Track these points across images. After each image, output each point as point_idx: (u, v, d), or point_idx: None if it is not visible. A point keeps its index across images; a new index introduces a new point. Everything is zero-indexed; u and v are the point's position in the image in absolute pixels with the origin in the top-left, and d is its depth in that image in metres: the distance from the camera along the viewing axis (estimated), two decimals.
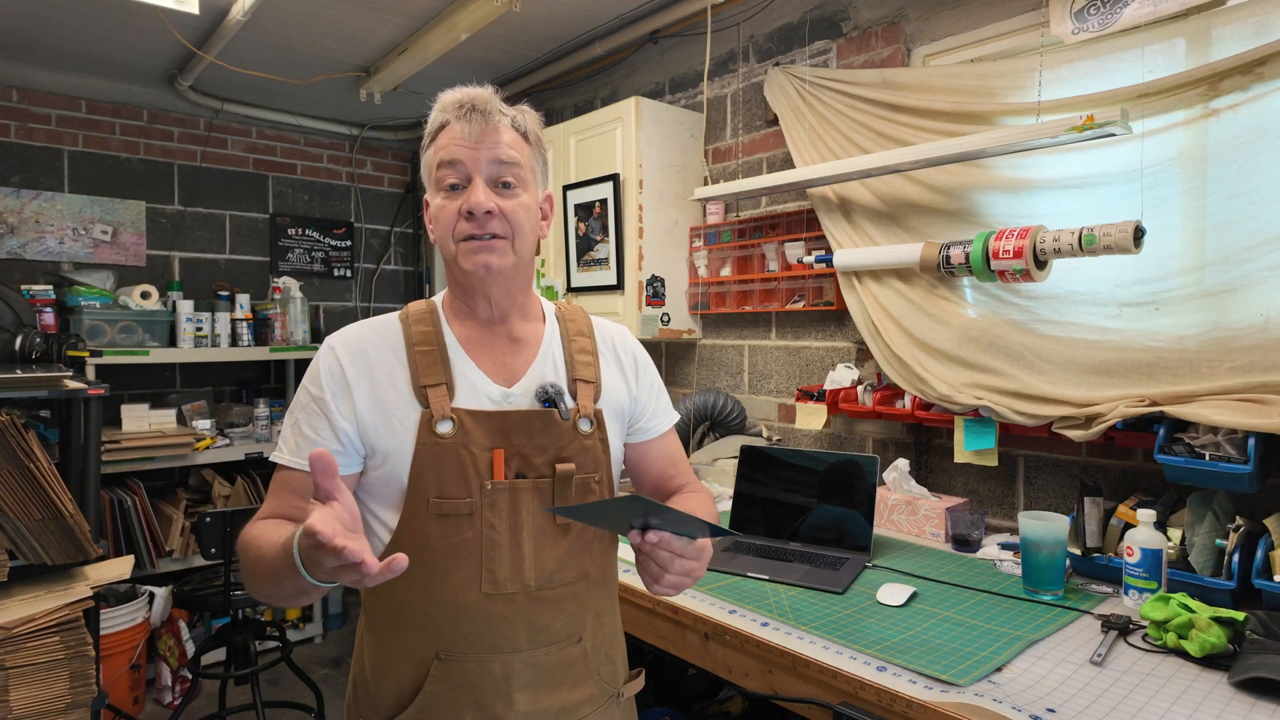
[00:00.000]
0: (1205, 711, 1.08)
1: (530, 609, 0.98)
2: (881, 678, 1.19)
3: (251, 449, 3.40)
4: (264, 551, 0.86)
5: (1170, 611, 1.28)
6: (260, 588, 0.89)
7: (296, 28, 2.89)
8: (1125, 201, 1.69)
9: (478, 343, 1.04)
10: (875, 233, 2.14)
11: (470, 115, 0.98)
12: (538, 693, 0.98)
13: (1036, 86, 1.77)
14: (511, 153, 0.99)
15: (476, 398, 0.99)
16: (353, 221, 4.36)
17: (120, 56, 3.21)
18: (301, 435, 0.97)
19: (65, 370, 2.04)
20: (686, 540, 0.87)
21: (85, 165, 3.53)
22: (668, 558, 0.86)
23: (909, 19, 2.16)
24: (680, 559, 0.87)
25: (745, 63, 2.64)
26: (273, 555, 0.83)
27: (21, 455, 1.60)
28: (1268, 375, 1.45)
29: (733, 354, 2.71)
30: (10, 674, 1.55)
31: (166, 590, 3.12)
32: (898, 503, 2.01)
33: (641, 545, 0.85)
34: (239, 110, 3.81)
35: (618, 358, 1.14)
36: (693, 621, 1.49)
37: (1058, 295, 1.81)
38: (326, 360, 0.99)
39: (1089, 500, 1.60)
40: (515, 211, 0.99)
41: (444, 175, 0.99)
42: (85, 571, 1.78)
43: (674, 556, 0.86)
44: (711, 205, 2.66)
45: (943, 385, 1.88)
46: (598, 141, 2.75)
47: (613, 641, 1.10)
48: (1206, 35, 1.57)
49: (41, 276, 3.37)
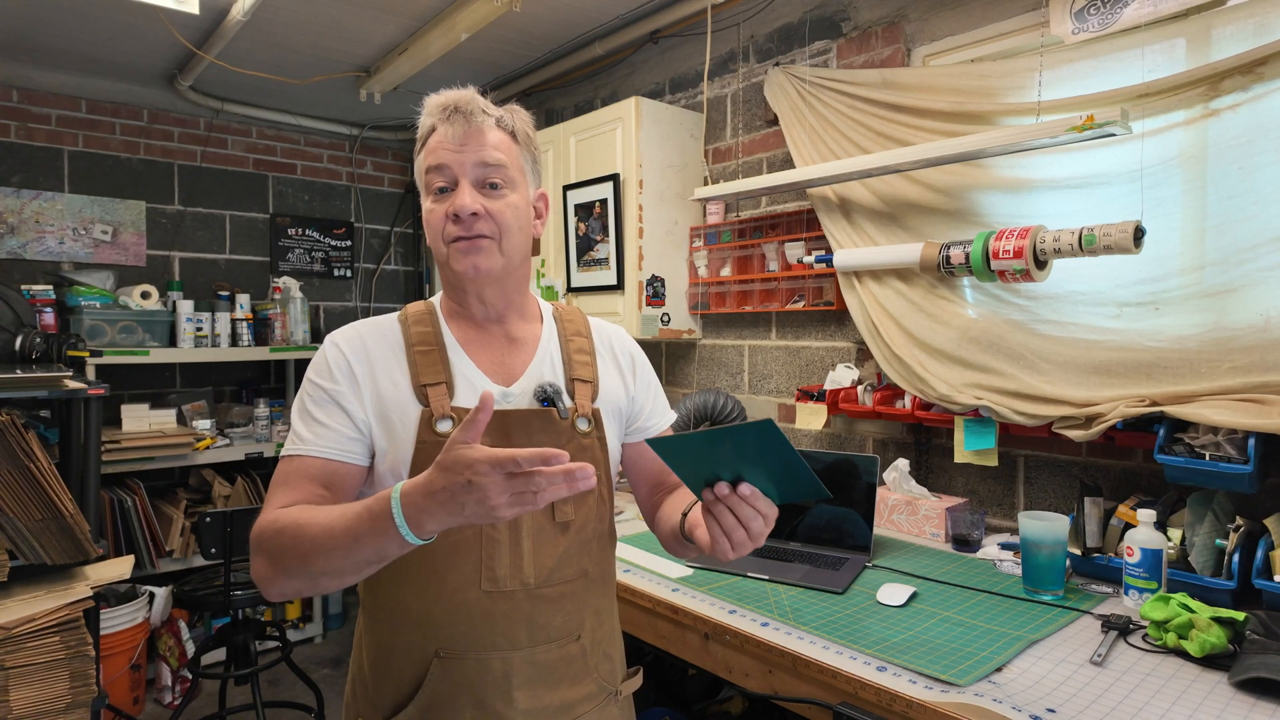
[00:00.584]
0: (1205, 711, 1.08)
1: (530, 607, 0.98)
2: (881, 678, 1.19)
3: (251, 449, 3.40)
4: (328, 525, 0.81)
5: (1170, 611, 1.28)
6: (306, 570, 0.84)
7: (296, 28, 2.89)
8: (1125, 201, 1.69)
9: (476, 342, 1.04)
10: (875, 233, 2.14)
11: (454, 118, 0.98)
12: (537, 690, 0.98)
13: (1036, 86, 1.77)
14: (496, 154, 0.99)
15: (476, 397, 0.99)
16: (353, 221, 4.36)
17: (120, 56, 3.21)
18: (317, 423, 0.95)
19: (65, 370, 2.04)
20: (770, 502, 0.84)
21: (85, 165, 3.53)
22: (752, 514, 0.83)
23: (909, 19, 2.16)
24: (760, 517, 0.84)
25: (745, 63, 2.64)
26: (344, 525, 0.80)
27: (21, 455, 1.60)
28: (1268, 375, 1.45)
29: (733, 354, 2.71)
30: (10, 674, 1.55)
31: (166, 590, 3.12)
32: (898, 503, 2.01)
33: (728, 498, 0.83)
34: (239, 110, 3.81)
35: (615, 358, 1.14)
36: (693, 621, 1.49)
37: (1058, 295, 1.81)
38: (333, 355, 0.99)
39: (1089, 500, 1.60)
40: (502, 212, 0.99)
41: (432, 179, 0.99)
42: (85, 571, 1.78)
43: (758, 514, 0.83)
44: (711, 205, 2.66)
45: (943, 385, 1.88)
46: (598, 141, 2.75)
47: (611, 640, 1.10)
48: (1206, 35, 1.57)
49: (41, 276, 3.37)
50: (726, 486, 0.82)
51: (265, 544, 0.88)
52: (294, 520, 0.85)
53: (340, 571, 0.83)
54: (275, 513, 0.89)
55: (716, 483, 0.83)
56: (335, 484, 0.95)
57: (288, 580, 0.87)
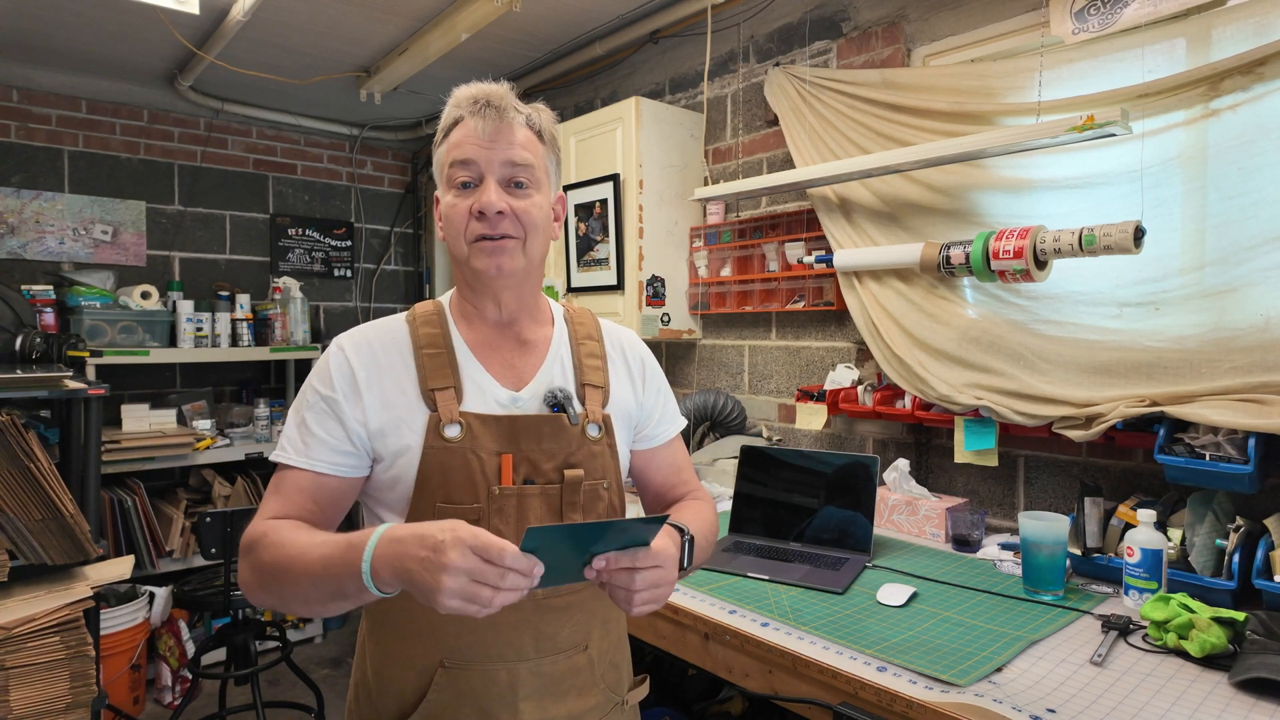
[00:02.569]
0: (1205, 712, 1.08)
1: (536, 617, 0.96)
2: (881, 678, 1.19)
3: (252, 449, 3.40)
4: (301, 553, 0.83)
5: (1170, 612, 1.28)
6: (279, 589, 0.85)
7: (296, 28, 2.89)
8: (1125, 201, 1.69)
9: (486, 345, 1.02)
10: (875, 233, 2.14)
11: (485, 112, 0.96)
12: (543, 702, 0.97)
13: (1036, 86, 1.77)
14: (525, 153, 0.97)
15: (485, 402, 0.98)
16: (353, 221, 4.36)
17: (120, 56, 3.21)
18: (311, 434, 0.95)
19: (65, 370, 2.04)
20: (633, 552, 0.81)
21: (85, 165, 3.53)
22: (626, 576, 0.81)
23: (909, 19, 2.16)
24: (641, 572, 0.81)
25: (745, 63, 2.64)
26: (318, 560, 0.81)
27: (22, 455, 1.60)
28: (1268, 375, 1.45)
29: (733, 354, 2.71)
30: (10, 674, 1.55)
31: (166, 590, 3.12)
32: (898, 503, 2.01)
33: (597, 579, 0.81)
34: (239, 110, 3.81)
35: (626, 363, 1.12)
36: (693, 622, 1.49)
37: (1058, 295, 1.81)
38: (337, 361, 0.97)
39: (1089, 500, 1.60)
40: (528, 212, 0.97)
41: (456, 173, 0.96)
42: (85, 571, 1.77)
43: (632, 572, 0.81)
44: (711, 205, 2.66)
45: (943, 385, 1.88)
46: (598, 141, 2.75)
47: (618, 648, 1.09)
48: (1207, 35, 1.57)
49: (42, 276, 3.37)
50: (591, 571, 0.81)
51: (250, 552, 0.89)
52: (279, 537, 0.87)
53: (306, 599, 0.84)
54: (265, 524, 0.90)
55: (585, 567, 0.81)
56: (324, 498, 0.95)
57: (263, 593, 0.88)
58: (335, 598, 0.81)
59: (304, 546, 0.83)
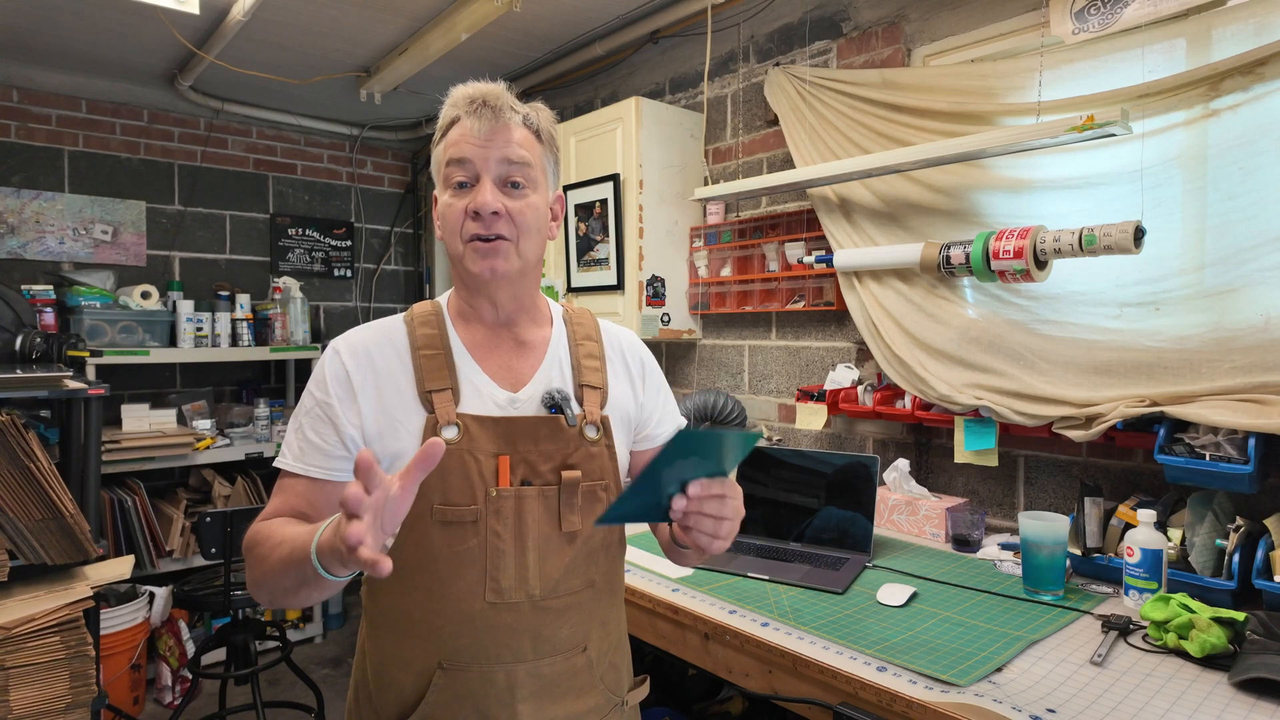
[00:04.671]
0: (1205, 712, 1.08)
1: (535, 618, 0.96)
2: (881, 678, 1.19)
3: (252, 449, 3.40)
4: (279, 543, 0.86)
5: (1170, 612, 1.28)
6: (266, 582, 0.88)
7: (296, 28, 2.89)
8: (1125, 202, 1.69)
9: (484, 346, 1.02)
10: (875, 233, 2.14)
11: (481, 111, 0.96)
12: (542, 703, 0.97)
13: (1036, 86, 1.77)
14: (522, 152, 0.97)
15: (482, 403, 0.98)
16: (353, 221, 4.36)
17: (120, 56, 3.21)
18: (306, 440, 0.96)
19: (65, 370, 2.04)
20: (720, 480, 0.84)
21: (85, 165, 3.53)
22: (717, 504, 0.84)
23: (909, 19, 2.16)
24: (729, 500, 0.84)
25: (745, 63, 2.64)
26: (289, 547, 0.83)
27: (22, 455, 1.60)
28: (1268, 375, 1.45)
29: (733, 354, 2.71)
30: (10, 674, 1.55)
31: (166, 590, 3.12)
32: (898, 503, 2.01)
33: (688, 507, 0.83)
34: (239, 110, 3.81)
35: (625, 364, 1.11)
36: (693, 621, 1.49)
37: (1058, 295, 1.81)
38: (332, 365, 0.97)
39: (1089, 500, 1.60)
40: (523, 213, 0.97)
41: (452, 172, 0.97)
42: (85, 571, 1.77)
43: (723, 500, 0.84)
44: (712, 205, 2.66)
45: (943, 385, 1.88)
46: (598, 141, 2.75)
47: (618, 649, 1.09)
48: (1207, 35, 1.57)
49: (42, 276, 3.37)
50: (682, 499, 0.83)
51: (248, 551, 0.93)
52: (264, 533, 0.90)
53: (286, 589, 0.85)
54: (259, 524, 0.93)
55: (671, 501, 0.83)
56: (320, 501, 0.96)
57: (259, 589, 0.90)
58: (303, 584, 0.82)
59: (282, 538, 0.86)
